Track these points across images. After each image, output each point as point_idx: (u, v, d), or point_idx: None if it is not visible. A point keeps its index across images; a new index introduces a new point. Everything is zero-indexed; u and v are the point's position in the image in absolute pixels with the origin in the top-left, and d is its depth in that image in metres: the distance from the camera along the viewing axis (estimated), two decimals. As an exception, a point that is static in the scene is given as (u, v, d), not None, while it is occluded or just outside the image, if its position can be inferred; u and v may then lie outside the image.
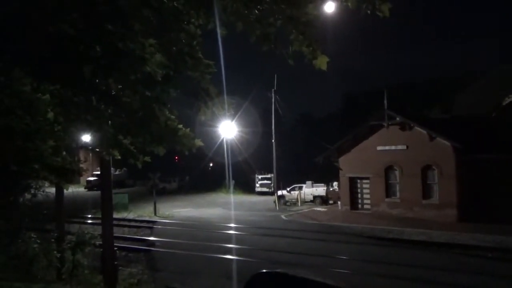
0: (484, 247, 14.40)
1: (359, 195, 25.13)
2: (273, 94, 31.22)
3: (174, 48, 3.21)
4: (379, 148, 23.37)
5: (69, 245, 10.32)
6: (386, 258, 13.28)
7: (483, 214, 18.79)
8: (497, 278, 10.63)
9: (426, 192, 21.80)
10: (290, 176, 35.06)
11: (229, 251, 14.52)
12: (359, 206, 24.97)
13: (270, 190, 37.05)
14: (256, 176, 41.49)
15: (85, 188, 41.51)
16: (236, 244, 15.69)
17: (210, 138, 41.83)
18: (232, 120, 41.50)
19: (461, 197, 20.21)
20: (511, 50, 63.38)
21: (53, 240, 10.91)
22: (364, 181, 24.65)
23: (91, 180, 41.56)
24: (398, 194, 23.04)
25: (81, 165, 8.91)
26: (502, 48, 68.55)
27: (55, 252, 10.21)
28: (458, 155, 20.37)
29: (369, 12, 3.29)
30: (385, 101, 22.70)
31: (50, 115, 5.28)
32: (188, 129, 6.09)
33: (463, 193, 20.18)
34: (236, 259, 13.30)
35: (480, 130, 21.00)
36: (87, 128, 5.24)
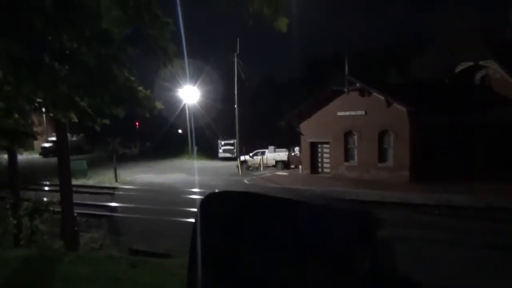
0: (431, 205, 15.53)
1: (320, 159, 25.94)
2: (235, 58, 30.77)
3: (130, 2, 3.11)
4: (339, 113, 23.97)
5: (26, 211, 10.04)
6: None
7: (433, 174, 20.10)
8: (441, 231, 11.59)
9: (382, 155, 22.87)
10: (252, 141, 35.39)
11: (192, 214, 14.70)
12: (319, 170, 25.85)
13: (233, 156, 37.33)
14: (219, 141, 41.51)
15: (40, 154, 39.88)
16: (199, 208, 15.85)
17: (172, 103, 41.07)
18: (194, 85, 40.88)
19: (413, 159, 21.41)
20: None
21: (8, 207, 10.55)
22: (325, 145, 25.39)
23: (46, 147, 39.78)
24: (356, 158, 24.00)
25: (35, 129, 8.58)
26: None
27: (11, 219, 9.92)
28: (412, 119, 21.35)
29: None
30: (346, 67, 23.05)
31: (-1, 74, 4.99)
32: (148, 91, 5.98)
33: (415, 156, 21.39)
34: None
35: (433, 95, 22.01)
36: (41, 88, 5.02)
